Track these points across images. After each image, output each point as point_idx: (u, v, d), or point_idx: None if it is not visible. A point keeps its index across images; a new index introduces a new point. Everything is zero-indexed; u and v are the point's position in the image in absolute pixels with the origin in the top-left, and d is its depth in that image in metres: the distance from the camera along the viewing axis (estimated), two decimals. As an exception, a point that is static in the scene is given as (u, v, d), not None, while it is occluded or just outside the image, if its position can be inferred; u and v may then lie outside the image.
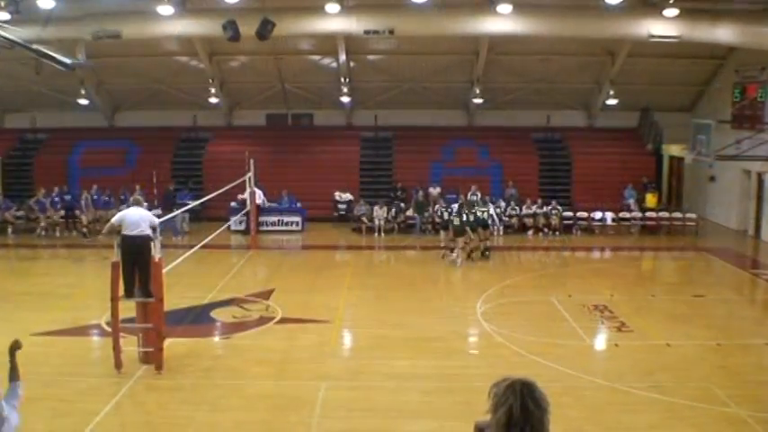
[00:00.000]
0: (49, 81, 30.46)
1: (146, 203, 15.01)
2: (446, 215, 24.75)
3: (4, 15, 18.45)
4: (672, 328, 16.13)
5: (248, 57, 31.77)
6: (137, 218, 13.33)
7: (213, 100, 33.21)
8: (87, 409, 11.29)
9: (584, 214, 30.11)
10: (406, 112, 34.13)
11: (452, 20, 25.58)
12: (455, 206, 24.71)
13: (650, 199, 30.53)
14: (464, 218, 23.62)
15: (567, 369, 13.20)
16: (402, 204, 30.42)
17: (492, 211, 26.31)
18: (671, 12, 23.42)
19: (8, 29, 15.89)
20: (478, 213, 24.44)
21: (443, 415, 11.34)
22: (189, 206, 25.74)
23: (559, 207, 29.53)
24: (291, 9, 25.05)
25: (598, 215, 29.93)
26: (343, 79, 31.70)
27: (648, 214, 30.06)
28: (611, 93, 31.37)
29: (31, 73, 25.54)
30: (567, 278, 21.98)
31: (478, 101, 32.28)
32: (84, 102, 32.39)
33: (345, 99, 32.91)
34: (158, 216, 16.05)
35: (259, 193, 28.30)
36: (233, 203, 28.95)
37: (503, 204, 29.57)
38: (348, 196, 31.66)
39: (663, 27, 24.24)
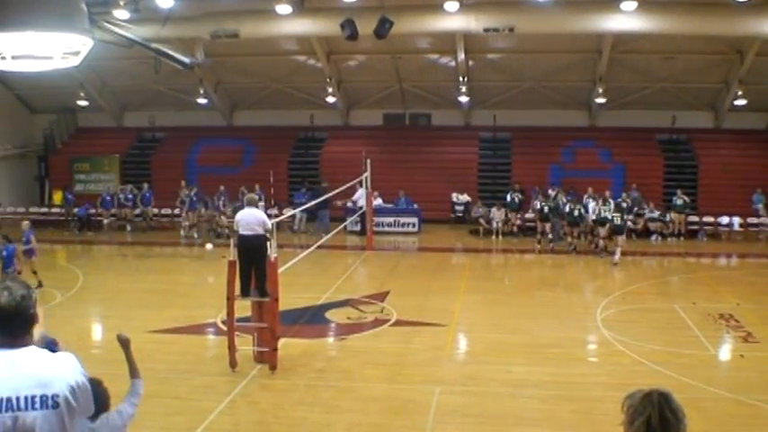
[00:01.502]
0: (168, 80, 31.10)
1: (261, 203, 15.05)
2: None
3: (124, 14, 18.80)
4: (802, 341, 15.29)
5: (366, 56, 31.79)
6: (249, 219, 13.32)
7: (330, 99, 33.31)
8: (201, 407, 11.34)
9: (711, 219, 29.06)
10: (525, 112, 33.46)
11: (574, 17, 25.06)
12: (592, 205, 24.82)
13: (779, 204, 29.24)
14: (624, 216, 24.17)
15: (690, 380, 12.57)
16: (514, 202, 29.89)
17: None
18: (803, 9, 22.40)
19: (128, 28, 16.16)
20: (605, 214, 24.29)
21: (561, 424, 10.99)
22: (305, 206, 25.91)
23: (686, 197, 28.61)
24: (410, 7, 24.99)
25: (725, 220, 28.84)
26: (461, 78, 31.31)
27: (777, 220, 28.77)
28: (740, 93, 29.91)
29: (150, 72, 26.06)
30: (691, 285, 21.21)
31: (601, 101, 31.45)
32: (202, 101, 33.02)
33: (464, 99, 32.55)
34: (276, 215, 16.07)
35: (361, 192, 28.09)
36: (348, 204, 28.98)
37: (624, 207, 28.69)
38: (465, 198, 31.31)
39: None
